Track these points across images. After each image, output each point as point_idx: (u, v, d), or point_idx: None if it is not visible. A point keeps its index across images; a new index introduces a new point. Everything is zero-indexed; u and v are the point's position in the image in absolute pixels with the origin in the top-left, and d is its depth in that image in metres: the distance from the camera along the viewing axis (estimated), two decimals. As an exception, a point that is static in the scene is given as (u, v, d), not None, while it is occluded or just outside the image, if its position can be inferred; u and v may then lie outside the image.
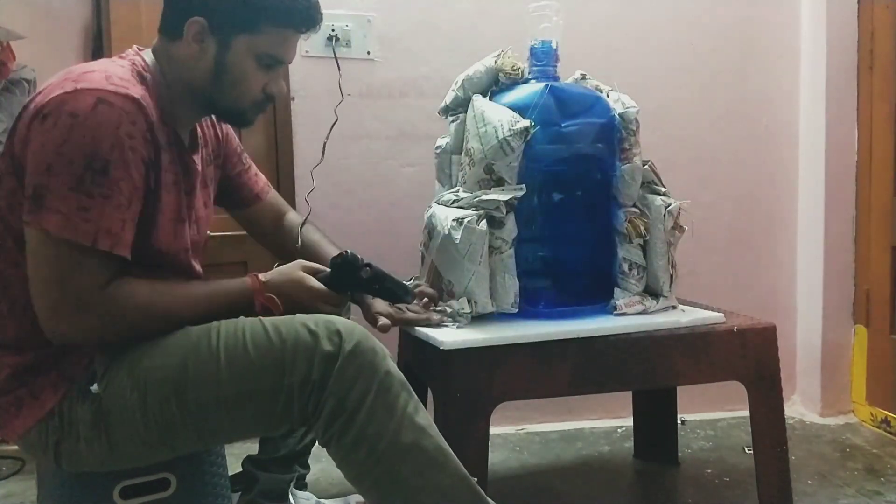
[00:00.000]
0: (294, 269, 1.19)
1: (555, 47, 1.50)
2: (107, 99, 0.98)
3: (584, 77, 1.62)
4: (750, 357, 1.46)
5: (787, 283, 2.34)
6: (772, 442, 1.48)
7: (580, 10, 2.14)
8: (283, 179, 2.04)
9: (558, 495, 1.74)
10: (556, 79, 1.50)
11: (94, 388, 1.03)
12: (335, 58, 2.00)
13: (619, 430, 2.16)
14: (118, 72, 1.04)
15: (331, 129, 1.44)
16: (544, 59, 1.49)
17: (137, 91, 1.03)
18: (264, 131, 2.06)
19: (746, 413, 1.49)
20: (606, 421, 2.21)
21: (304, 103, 2.03)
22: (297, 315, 1.07)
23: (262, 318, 1.08)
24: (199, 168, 1.21)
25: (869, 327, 2.21)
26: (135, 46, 1.16)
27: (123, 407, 1.02)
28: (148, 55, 1.14)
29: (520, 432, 2.16)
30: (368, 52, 2.05)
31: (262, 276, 1.15)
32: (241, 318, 1.09)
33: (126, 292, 1.02)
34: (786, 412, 1.54)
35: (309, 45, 2.01)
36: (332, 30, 2.01)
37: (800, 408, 2.32)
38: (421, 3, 2.07)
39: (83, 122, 0.96)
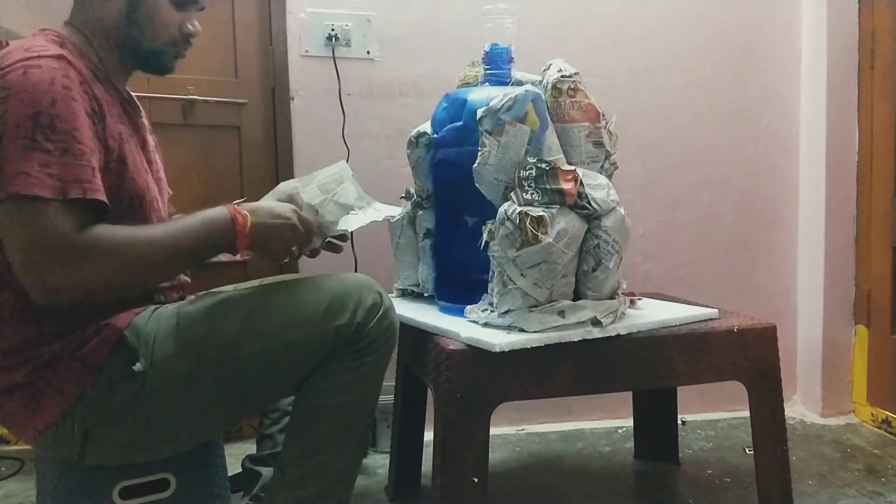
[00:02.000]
0: (282, 206, 1.16)
1: (506, 49, 1.47)
2: (33, 63, 0.99)
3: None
4: (750, 357, 1.45)
5: (788, 283, 2.33)
6: (772, 442, 1.48)
7: (581, 11, 2.15)
8: (283, 179, 2.03)
9: (558, 495, 1.74)
10: (504, 82, 1.47)
11: (138, 366, 1.04)
12: (333, 57, 2.02)
13: (619, 431, 2.16)
14: (35, 42, 1.05)
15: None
16: (491, 63, 1.48)
17: (58, 51, 1.03)
18: (264, 130, 2.06)
19: (747, 413, 1.49)
20: (607, 421, 2.21)
21: (304, 103, 2.03)
22: (339, 274, 1.18)
23: (308, 277, 1.17)
24: (147, 125, 1.25)
25: (870, 327, 2.21)
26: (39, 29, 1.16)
27: (171, 379, 1.05)
28: (58, 27, 1.14)
29: (520, 433, 2.15)
30: (368, 52, 2.04)
31: (244, 209, 1.10)
32: (287, 277, 1.22)
33: (106, 233, 0.99)
34: (786, 412, 1.54)
35: (309, 44, 2.01)
36: (332, 29, 2.01)
37: (800, 408, 2.32)
38: (421, 3, 2.07)
39: (18, 88, 0.97)
